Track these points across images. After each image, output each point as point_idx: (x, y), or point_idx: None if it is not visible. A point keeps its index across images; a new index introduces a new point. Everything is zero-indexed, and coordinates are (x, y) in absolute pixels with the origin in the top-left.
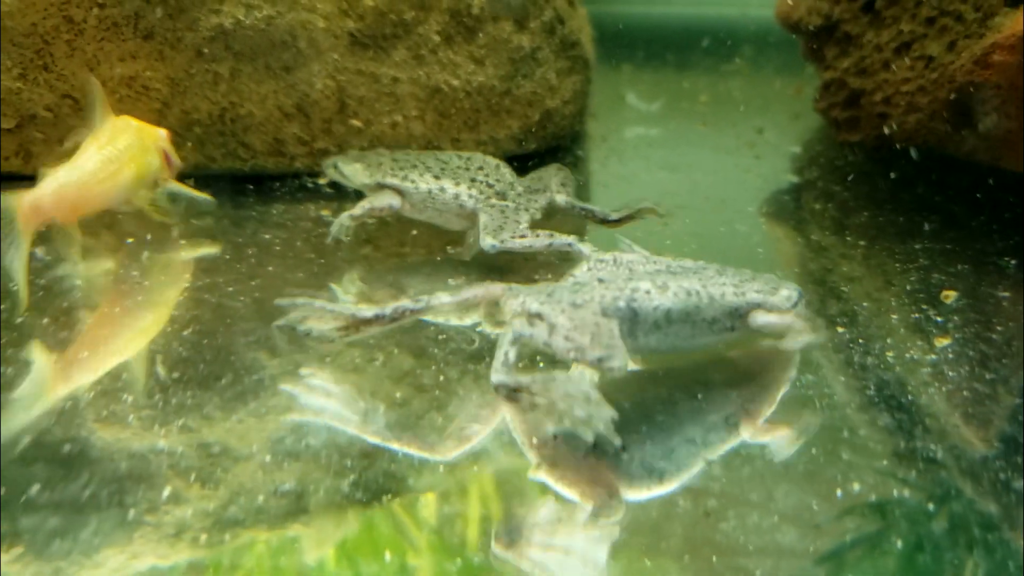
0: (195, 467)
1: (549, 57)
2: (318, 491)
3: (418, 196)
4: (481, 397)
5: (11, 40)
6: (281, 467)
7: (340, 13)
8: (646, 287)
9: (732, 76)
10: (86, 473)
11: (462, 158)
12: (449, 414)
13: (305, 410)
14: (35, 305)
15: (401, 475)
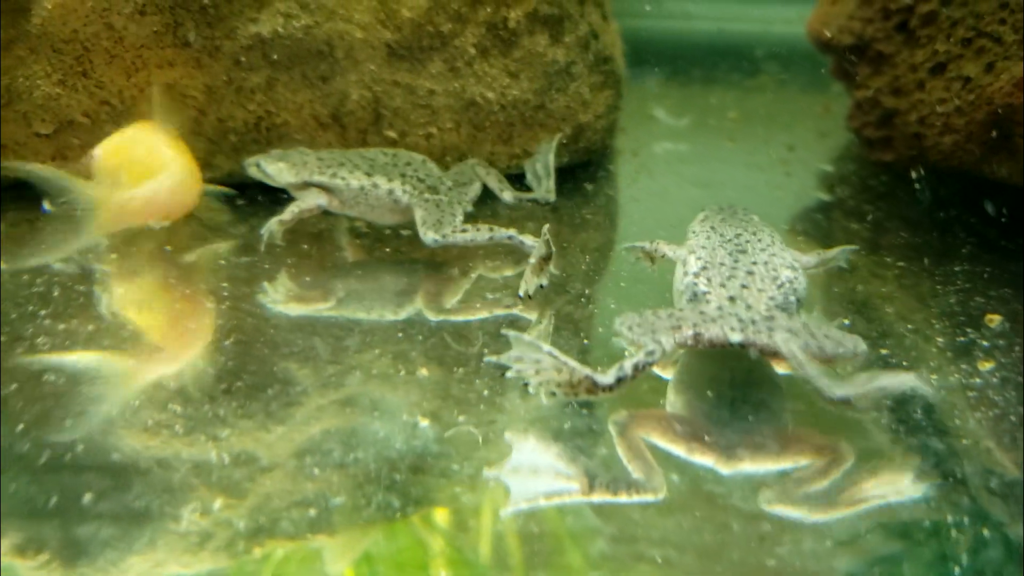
0: (222, 476)
1: (583, 72)
2: (343, 503)
3: (349, 193)
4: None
5: (51, 46)
6: (307, 478)
7: (378, 24)
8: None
9: (758, 92)
10: (111, 481)
11: (388, 154)
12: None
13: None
14: (80, 311)
15: (426, 488)
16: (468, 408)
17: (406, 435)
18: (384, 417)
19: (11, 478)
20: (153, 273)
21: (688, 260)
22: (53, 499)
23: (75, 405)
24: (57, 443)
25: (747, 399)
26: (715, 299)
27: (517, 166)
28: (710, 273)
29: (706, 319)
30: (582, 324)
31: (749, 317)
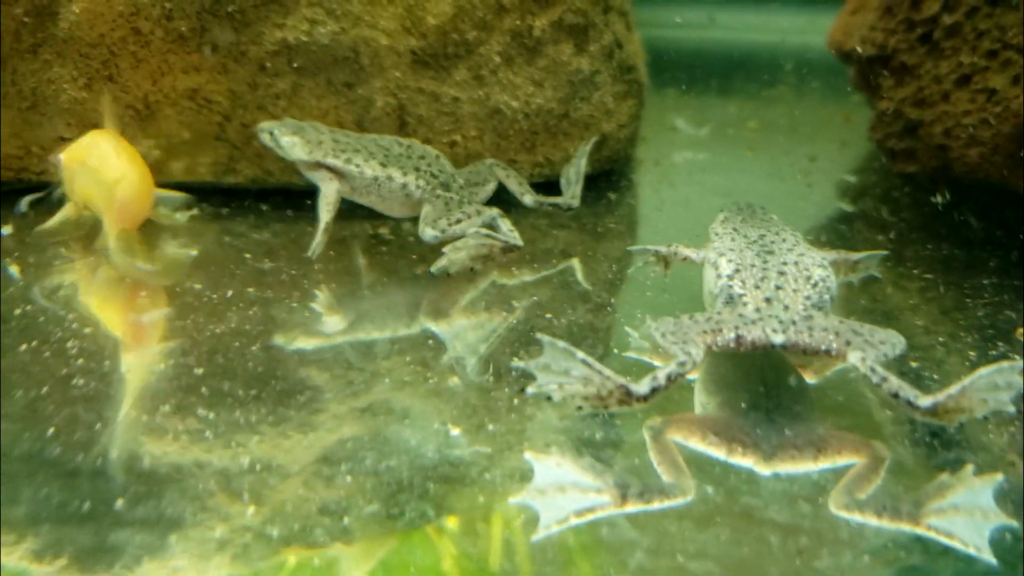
0: (239, 482)
1: (607, 81)
2: (360, 511)
3: (362, 182)
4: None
5: (78, 50)
6: (325, 485)
7: (403, 31)
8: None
9: (777, 103)
10: (129, 486)
11: (402, 145)
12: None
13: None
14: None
15: (442, 497)
16: (497, 417)
17: (432, 442)
18: (412, 425)
19: (42, 482)
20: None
21: (719, 263)
22: (71, 504)
23: (104, 409)
24: (82, 447)
25: (777, 399)
26: (751, 301)
27: (540, 175)
28: (743, 275)
29: (746, 321)
30: (602, 334)
31: (789, 318)
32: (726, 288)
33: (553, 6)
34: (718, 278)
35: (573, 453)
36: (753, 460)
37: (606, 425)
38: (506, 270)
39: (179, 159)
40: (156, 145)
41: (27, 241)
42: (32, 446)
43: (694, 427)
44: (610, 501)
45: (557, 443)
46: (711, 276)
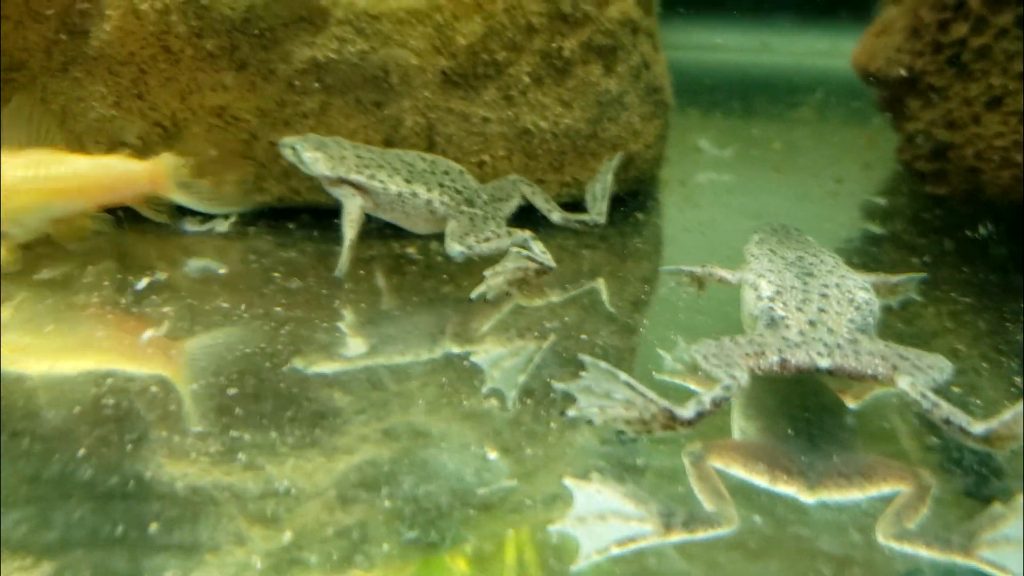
0: (260, 505)
1: (634, 101)
2: (379, 534)
3: (386, 198)
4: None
5: (108, 68)
6: (345, 508)
7: (433, 50)
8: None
9: (799, 124)
10: (149, 508)
11: (426, 160)
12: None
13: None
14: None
15: (462, 521)
16: (535, 440)
17: (470, 466)
18: (447, 448)
19: (74, 505)
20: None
21: (759, 284)
22: (98, 527)
23: (131, 430)
24: (108, 470)
25: (820, 425)
26: (794, 324)
27: (568, 194)
28: (785, 297)
29: (790, 344)
30: (629, 355)
31: (834, 341)
32: (767, 310)
33: (583, 27)
34: (758, 299)
35: (614, 480)
36: (797, 488)
37: (645, 450)
38: (535, 291)
39: (206, 177)
40: (184, 163)
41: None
42: (63, 468)
43: (736, 454)
44: (653, 530)
45: (597, 468)
46: (751, 298)
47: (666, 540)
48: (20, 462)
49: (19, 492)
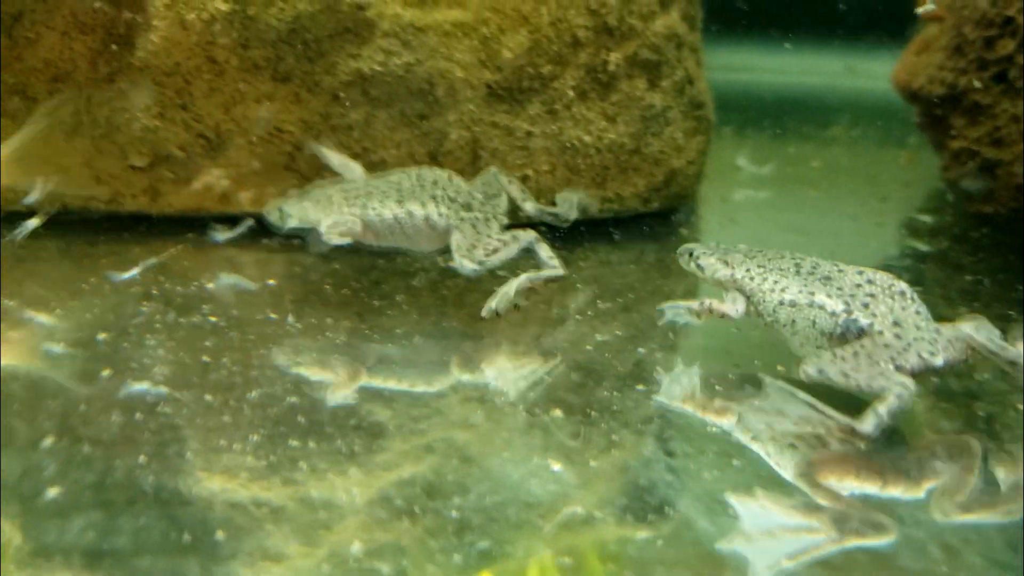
0: (297, 522)
1: (678, 117)
2: (417, 552)
3: (384, 224)
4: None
5: (153, 79)
6: (382, 526)
7: (479, 64)
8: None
9: (833, 143)
10: (186, 522)
11: (411, 176)
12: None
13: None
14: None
15: (502, 540)
16: (596, 453)
17: (536, 478)
18: (512, 460)
19: (138, 512)
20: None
21: (820, 301)
22: (129, 536)
23: (182, 441)
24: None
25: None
26: (884, 329)
27: (609, 210)
28: (854, 305)
29: (898, 349)
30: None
31: (931, 337)
32: (851, 323)
33: (628, 41)
34: (832, 316)
35: (778, 492)
36: (902, 489)
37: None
38: (579, 308)
39: (247, 189)
40: (225, 175)
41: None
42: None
43: (838, 467)
44: (826, 539)
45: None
46: (820, 317)
47: (840, 548)
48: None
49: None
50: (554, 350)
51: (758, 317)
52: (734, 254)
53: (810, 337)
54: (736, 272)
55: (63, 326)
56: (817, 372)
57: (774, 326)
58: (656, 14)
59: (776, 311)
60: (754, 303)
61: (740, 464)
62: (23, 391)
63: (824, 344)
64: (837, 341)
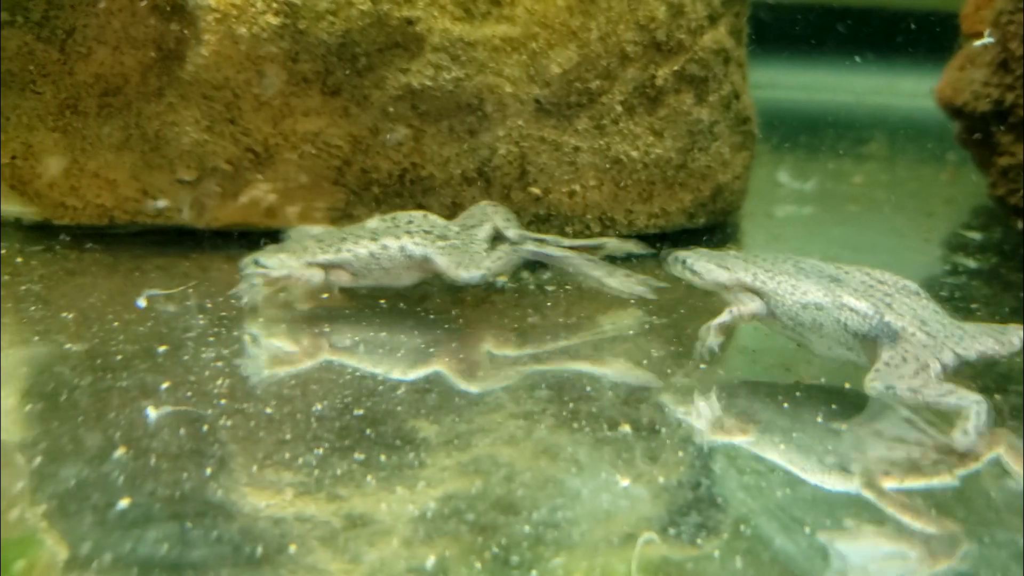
0: (339, 537)
1: (724, 131)
2: (459, 571)
3: (360, 262)
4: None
5: (202, 93)
6: (424, 542)
7: (527, 79)
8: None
9: (871, 160)
10: (228, 536)
11: (386, 220)
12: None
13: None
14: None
15: (545, 559)
16: (668, 469)
17: (606, 493)
18: (580, 474)
19: (192, 525)
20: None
21: (848, 303)
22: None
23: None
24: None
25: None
26: (914, 329)
27: (656, 225)
28: (880, 307)
29: (934, 351)
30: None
31: (956, 333)
32: (884, 326)
33: (677, 56)
34: (864, 318)
35: (873, 524)
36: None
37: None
38: (630, 325)
39: (295, 203)
40: (273, 189)
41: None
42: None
43: (887, 467)
44: (924, 565)
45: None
46: (852, 320)
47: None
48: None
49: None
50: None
51: (773, 320)
52: (729, 258)
53: (839, 339)
54: (743, 276)
55: (121, 338)
56: (885, 388)
57: (796, 329)
58: (705, 29)
59: (799, 314)
60: (770, 306)
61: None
62: (88, 402)
63: (853, 345)
64: (866, 342)
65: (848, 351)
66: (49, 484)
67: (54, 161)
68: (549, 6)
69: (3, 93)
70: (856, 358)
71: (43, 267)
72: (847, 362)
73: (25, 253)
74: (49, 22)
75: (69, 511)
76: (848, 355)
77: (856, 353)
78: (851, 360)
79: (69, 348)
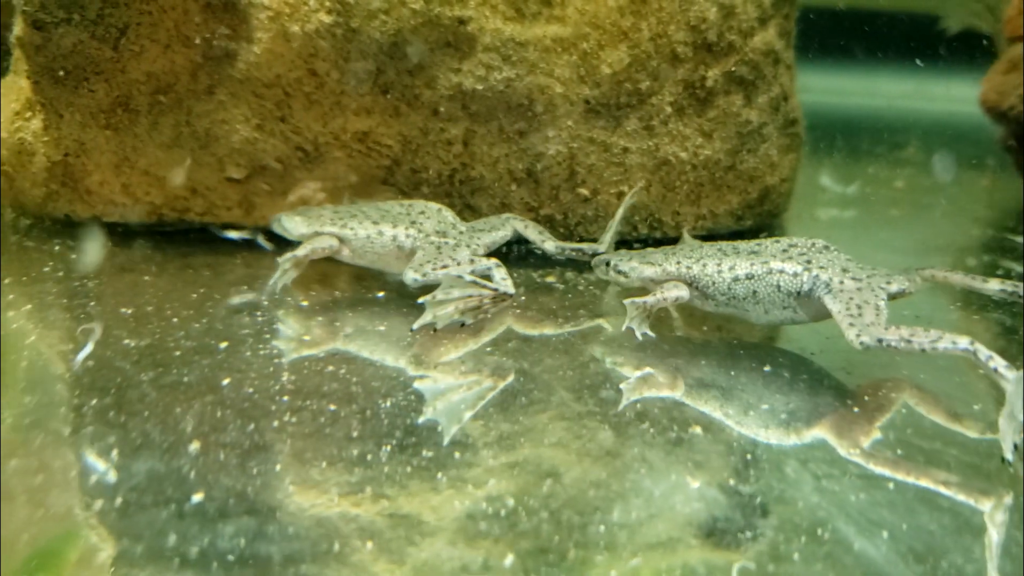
0: (384, 538)
1: (772, 133)
2: (503, 571)
3: (357, 242)
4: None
5: (253, 91)
6: (470, 543)
7: (578, 79)
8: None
9: (909, 164)
10: (272, 535)
11: (403, 205)
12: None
13: None
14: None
15: (589, 562)
16: (745, 477)
17: (679, 495)
18: (653, 476)
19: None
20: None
21: (780, 266)
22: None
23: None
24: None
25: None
26: (839, 276)
27: (703, 227)
28: (805, 264)
29: (868, 291)
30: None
31: (872, 274)
32: (813, 279)
33: (727, 57)
34: (795, 276)
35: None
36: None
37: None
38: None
39: (343, 202)
40: (321, 187)
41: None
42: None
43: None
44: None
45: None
46: (774, 282)
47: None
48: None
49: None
50: (675, 370)
51: (705, 301)
52: (650, 255)
53: (776, 302)
54: (668, 267)
55: (180, 334)
56: (877, 342)
57: (731, 303)
58: (755, 30)
59: (732, 288)
60: (701, 288)
61: (894, 485)
62: (158, 395)
63: (790, 304)
64: (801, 299)
65: (785, 310)
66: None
67: (105, 158)
68: (600, 6)
69: (58, 91)
70: (795, 315)
71: (95, 264)
72: (787, 322)
73: (77, 250)
74: (104, 20)
75: (144, 504)
76: (787, 315)
77: (794, 311)
78: (791, 320)
79: (128, 344)
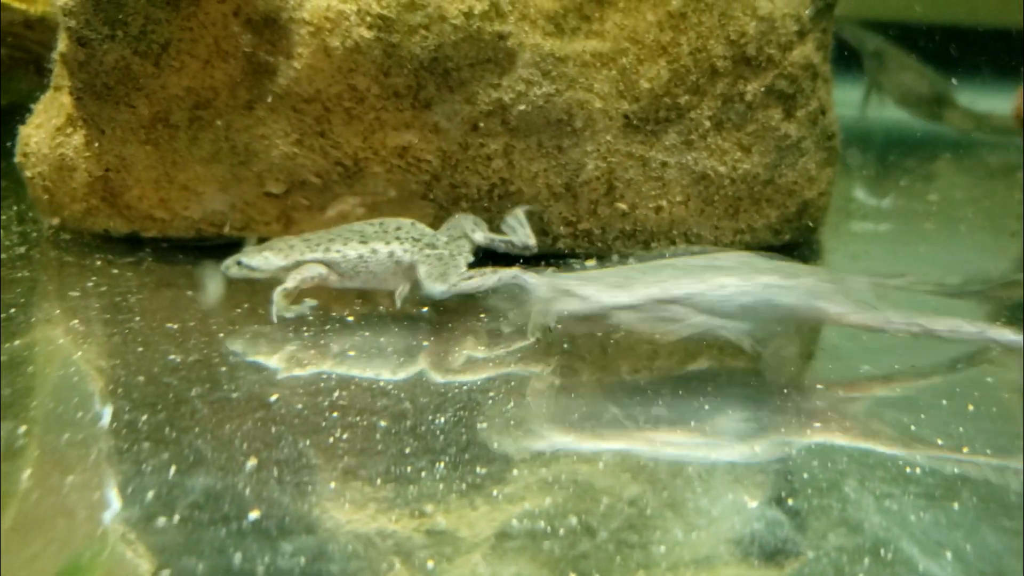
0: (419, 553)
1: (811, 147)
2: None
3: (347, 264)
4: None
5: (292, 106)
6: (504, 559)
7: (617, 94)
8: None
9: (941, 177)
10: (303, 551)
11: (374, 224)
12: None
13: None
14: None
15: None
16: (801, 496)
17: (731, 516)
18: (702, 493)
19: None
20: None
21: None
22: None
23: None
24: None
25: None
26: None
27: (741, 241)
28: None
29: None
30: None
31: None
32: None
33: (766, 71)
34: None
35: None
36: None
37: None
38: None
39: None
40: (361, 203)
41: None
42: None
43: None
44: None
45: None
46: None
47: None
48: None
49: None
50: None
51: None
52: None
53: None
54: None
55: (229, 350)
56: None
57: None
58: (794, 44)
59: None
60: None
61: (967, 500)
62: (209, 411)
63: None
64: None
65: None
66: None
67: (145, 174)
68: (639, 21)
69: (100, 107)
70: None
71: (137, 279)
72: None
73: (118, 264)
74: (146, 36)
75: (202, 522)
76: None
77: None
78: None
79: (174, 359)
